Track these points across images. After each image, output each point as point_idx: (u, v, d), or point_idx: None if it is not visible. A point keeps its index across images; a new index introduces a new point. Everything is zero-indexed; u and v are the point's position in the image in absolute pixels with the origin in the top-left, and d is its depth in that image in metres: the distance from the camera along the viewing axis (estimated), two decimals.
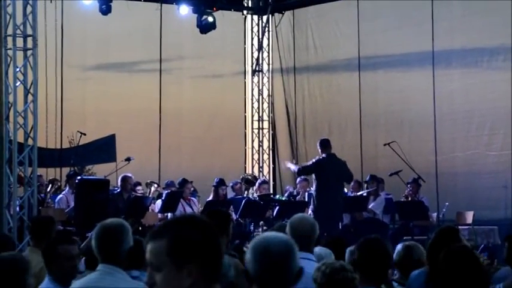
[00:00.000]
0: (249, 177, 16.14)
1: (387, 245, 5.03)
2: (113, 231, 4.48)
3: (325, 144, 13.65)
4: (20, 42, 12.54)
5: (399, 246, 6.42)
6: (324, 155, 13.48)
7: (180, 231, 2.38)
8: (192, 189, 14.82)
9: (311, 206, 13.66)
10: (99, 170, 15.86)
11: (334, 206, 13.20)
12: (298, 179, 15.13)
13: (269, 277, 3.30)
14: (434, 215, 14.57)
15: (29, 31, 12.55)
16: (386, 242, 5.06)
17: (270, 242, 3.36)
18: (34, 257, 6.83)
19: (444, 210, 14.58)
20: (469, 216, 14.36)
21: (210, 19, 17.48)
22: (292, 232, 5.18)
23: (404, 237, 13.05)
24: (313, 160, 13.73)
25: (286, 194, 15.80)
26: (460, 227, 13.83)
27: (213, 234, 2.42)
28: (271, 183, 18.70)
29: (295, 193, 15.34)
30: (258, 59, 19.55)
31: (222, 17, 18.01)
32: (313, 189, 13.72)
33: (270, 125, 19.53)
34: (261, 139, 19.51)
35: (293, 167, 14.20)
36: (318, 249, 6.20)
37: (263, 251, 3.34)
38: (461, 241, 5.87)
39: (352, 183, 15.08)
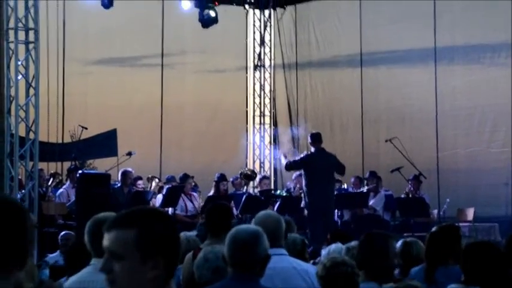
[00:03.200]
0: (248, 173, 16.11)
1: (389, 241, 5.00)
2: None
3: (315, 138, 13.40)
4: (22, 35, 12.54)
5: (398, 243, 6.41)
6: (312, 150, 13.33)
7: (150, 223, 2.37)
8: (193, 184, 14.81)
9: (303, 202, 13.53)
10: (100, 165, 15.86)
11: (325, 201, 12.99)
12: (294, 175, 14.96)
13: (237, 259, 4.11)
14: (435, 211, 14.54)
15: (31, 24, 12.56)
16: (388, 238, 5.03)
17: (238, 232, 4.21)
18: None
19: (445, 206, 14.56)
20: (470, 213, 14.35)
21: (212, 13, 17.43)
22: None
23: (405, 234, 13.06)
24: (301, 155, 13.60)
25: (284, 190, 15.76)
26: (460, 223, 13.89)
27: (176, 230, 2.45)
28: (272, 178, 18.68)
29: (292, 189, 15.29)
30: (259, 54, 19.51)
31: (224, 12, 17.96)
32: (303, 185, 13.57)
33: (272, 120, 19.51)
34: (262, 134, 19.49)
35: (284, 161, 14.02)
36: (333, 246, 6.18)
37: (232, 239, 4.17)
38: (461, 239, 5.87)
39: (352, 179, 15.06)
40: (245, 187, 15.60)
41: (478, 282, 4.50)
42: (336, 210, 13.89)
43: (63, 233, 10.62)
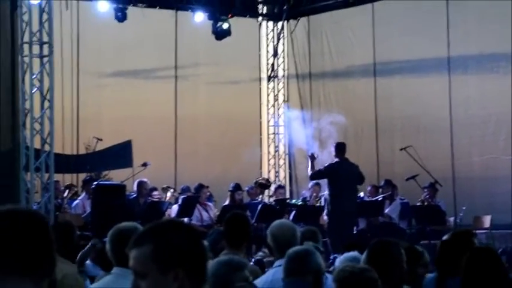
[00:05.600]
0: (263, 181, 16.13)
1: (397, 248, 4.92)
2: (127, 234, 4.46)
3: (340, 148, 13.52)
4: (36, 49, 12.64)
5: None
6: (337, 159, 13.39)
7: (164, 236, 2.36)
8: (208, 194, 14.84)
9: (325, 211, 13.63)
10: (116, 176, 15.88)
11: (348, 211, 13.10)
12: (310, 184, 15.11)
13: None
14: (452, 219, 14.50)
15: (45, 38, 12.66)
16: (396, 245, 4.92)
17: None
18: (58, 264, 6.78)
19: (461, 214, 14.51)
20: (487, 221, 14.29)
21: (225, 25, 17.52)
22: (273, 239, 5.20)
23: (421, 242, 13.02)
24: (326, 165, 13.66)
25: (300, 199, 15.78)
26: (477, 231, 13.78)
27: (197, 239, 2.41)
28: (288, 188, 18.69)
29: (308, 198, 15.32)
30: (273, 65, 19.55)
31: (237, 24, 18.03)
32: (326, 193, 13.66)
33: (286, 130, 19.51)
34: (277, 144, 19.51)
35: (309, 170, 14.03)
36: (346, 253, 6.14)
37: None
38: (474, 245, 5.78)
39: (368, 188, 15.05)
40: (260, 196, 15.61)
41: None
42: None
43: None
